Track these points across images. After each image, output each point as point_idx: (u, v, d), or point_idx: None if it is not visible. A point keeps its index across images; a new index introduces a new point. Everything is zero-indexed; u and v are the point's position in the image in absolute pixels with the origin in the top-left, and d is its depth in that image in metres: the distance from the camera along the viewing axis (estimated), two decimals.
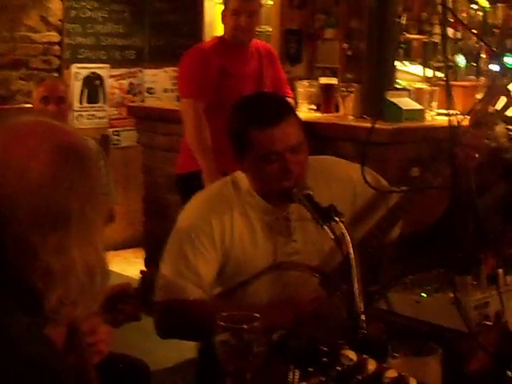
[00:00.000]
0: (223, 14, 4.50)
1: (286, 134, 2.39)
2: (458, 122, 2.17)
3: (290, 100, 4.72)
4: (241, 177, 2.53)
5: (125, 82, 6.79)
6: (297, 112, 2.58)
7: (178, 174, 4.61)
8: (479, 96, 3.97)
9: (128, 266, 5.90)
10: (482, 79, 5.60)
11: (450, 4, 5.87)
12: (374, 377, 1.46)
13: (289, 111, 2.46)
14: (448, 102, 2.07)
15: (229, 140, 2.50)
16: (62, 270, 1.22)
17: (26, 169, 1.22)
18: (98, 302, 1.33)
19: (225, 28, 4.53)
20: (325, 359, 1.51)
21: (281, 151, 2.38)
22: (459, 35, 6.14)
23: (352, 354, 1.48)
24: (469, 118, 2.44)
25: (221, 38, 4.58)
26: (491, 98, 2.46)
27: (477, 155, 2.44)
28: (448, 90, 2.03)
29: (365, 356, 1.49)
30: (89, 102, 6.59)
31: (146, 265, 5.48)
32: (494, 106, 2.45)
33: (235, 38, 4.44)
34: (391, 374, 1.46)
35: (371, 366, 1.46)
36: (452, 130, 2.08)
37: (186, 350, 2.75)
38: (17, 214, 1.20)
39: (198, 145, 4.33)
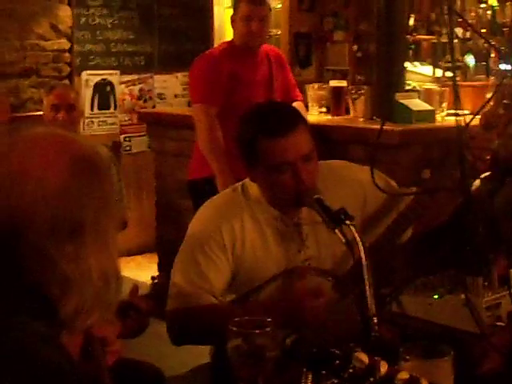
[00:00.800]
0: (232, 18, 4.49)
1: (297, 143, 2.39)
2: (467, 124, 2.17)
3: (300, 103, 4.73)
4: (251, 184, 2.53)
5: (135, 88, 6.81)
6: (307, 117, 2.57)
7: (190, 179, 4.61)
8: (489, 95, 3.95)
9: (141, 271, 5.91)
10: (492, 79, 5.59)
11: (458, 4, 5.87)
12: (386, 379, 1.47)
13: (299, 120, 2.45)
14: (456, 104, 2.07)
15: (238, 150, 2.50)
16: (78, 278, 1.24)
17: (43, 180, 1.24)
18: (112, 309, 1.34)
19: (234, 33, 4.52)
20: (337, 362, 1.52)
21: (292, 161, 2.38)
22: (468, 35, 6.13)
23: (364, 357, 1.49)
24: (478, 118, 2.44)
25: (230, 42, 4.57)
26: (501, 98, 2.46)
27: (487, 157, 2.45)
28: (455, 91, 2.03)
29: (377, 358, 1.50)
30: (100, 109, 6.62)
31: (160, 270, 5.51)
32: (503, 106, 2.45)
33: (246, 43, 4.44)
34: (403, 375, 1.47)
35: (383, 368, 1.47)
36: (460, 132, 2.08)
37: (200, 355, 2.76)
38: (34, 224, 1.22)
39: (212, 149, 4.32)
